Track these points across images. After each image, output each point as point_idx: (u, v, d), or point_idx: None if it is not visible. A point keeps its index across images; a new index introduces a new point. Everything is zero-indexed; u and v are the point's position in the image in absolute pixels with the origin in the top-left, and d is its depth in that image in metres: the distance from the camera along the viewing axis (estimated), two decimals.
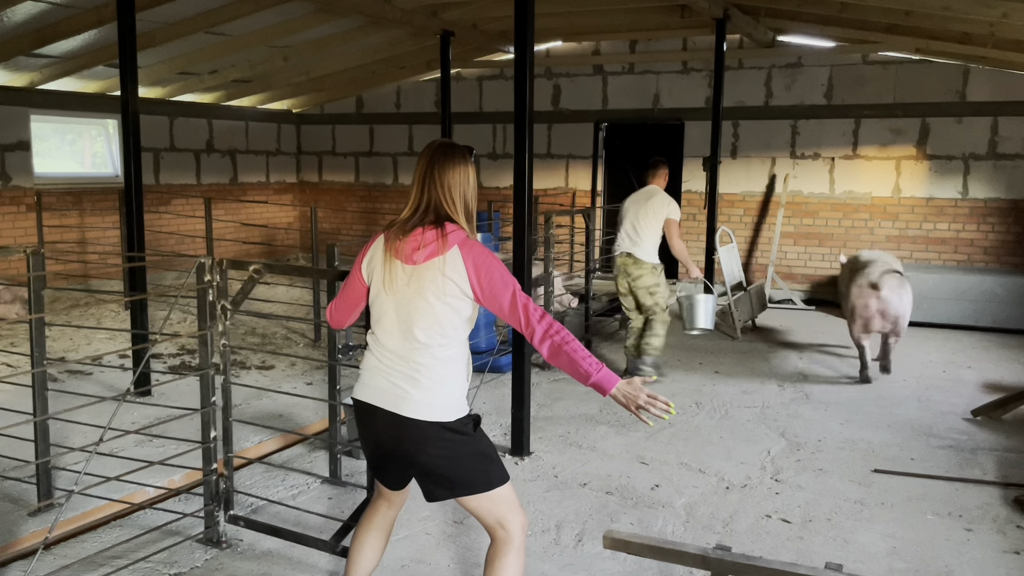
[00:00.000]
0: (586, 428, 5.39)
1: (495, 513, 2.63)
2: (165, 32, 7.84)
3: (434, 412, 2.54)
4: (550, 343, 2.49)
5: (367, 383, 2.65)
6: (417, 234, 2.55)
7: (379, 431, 2.63)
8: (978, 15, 6.84)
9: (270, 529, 3.67)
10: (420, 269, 2.54)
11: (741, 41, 9.91)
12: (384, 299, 2.60)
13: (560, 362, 2.50)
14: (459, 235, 2.56)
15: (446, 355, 2.57)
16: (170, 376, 6.09)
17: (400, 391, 2.56)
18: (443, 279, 2.52)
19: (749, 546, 3.75)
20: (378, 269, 2.61)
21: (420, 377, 2.54)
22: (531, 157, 4.68)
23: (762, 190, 10.27)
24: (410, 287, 2.55)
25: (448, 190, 2.60)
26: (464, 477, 2.59)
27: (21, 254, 3.64)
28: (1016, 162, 9.14)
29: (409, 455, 2.60)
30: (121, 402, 3.36)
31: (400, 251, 2.56)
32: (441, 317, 2.54)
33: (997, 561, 3.65)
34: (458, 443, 2.58)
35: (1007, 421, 5.60)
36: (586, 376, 2.47)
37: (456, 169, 2.62)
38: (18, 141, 9.04)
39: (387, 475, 2.75)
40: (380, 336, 2.63)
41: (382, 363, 2.61)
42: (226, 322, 3.59)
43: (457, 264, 2.52)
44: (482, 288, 2.53)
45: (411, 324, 2.55)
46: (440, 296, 2.53)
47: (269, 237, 12.00)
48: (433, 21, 8.72)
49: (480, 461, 2.62)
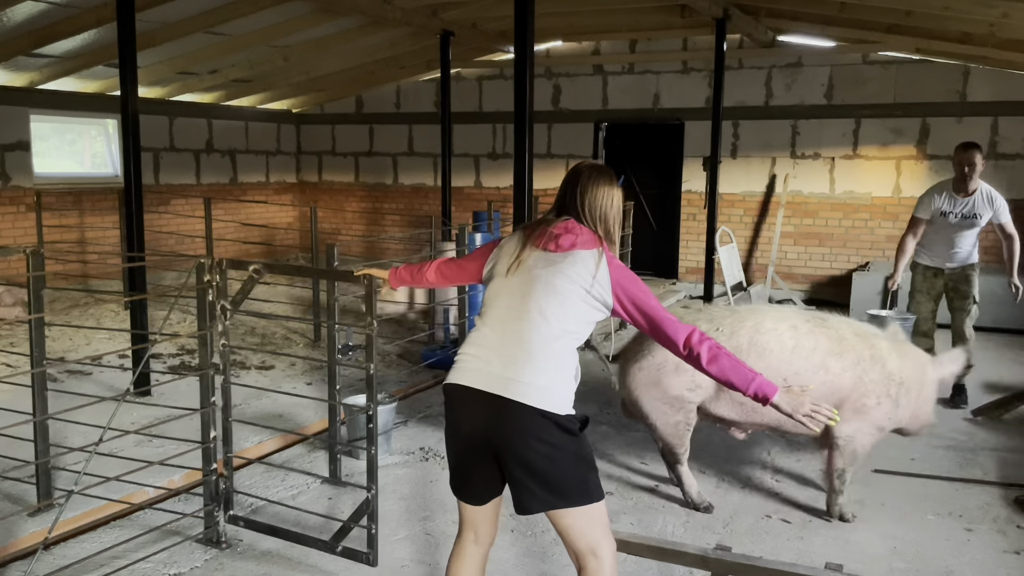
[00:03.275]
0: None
1: (590, 536, 2.43)
2: (165, 32, 7.84)
3: (545, 399, 2.37)
4: (708, 348, 2.47)
5: (467, 367, 2.47)
6: (568, 223, 2.55)
7: (471, 418, 2.44)
8: (978, 15, 6.84)
9: (270, 529, 3.67)
10: (561, 256, 2.50)
11: (741, 41, 9.91)
12: (506, 280, 2.53)
13: (720, 367, 2.46)
14: (607, 246, 2.57)
15: (563, 343, 2.45)
16: (170, 376, 6.09)
17: (508, 371, 2.38)
18: (584, 271, 2.47)
19: (749, 546, 3.75)
20: (505, 257, 2.58)
21: (534, 359, 2.39)
22: (531, 157, 4.68)
23: (762, 190, 10.27)
24: (544, 269, 2.48)
25: (593, 211, 2.58)
26: (564, 483, 2.39)
27: (21, 254, 3.64)
28: (1016, 162, 9.14)
29: (508, 446, 2.38)
30: (121, 402, 3.36)
31: (542, 238, 2.54)
32: (570, 303, 2.45)
33: (997, 561, 3.65)
34: (564, 441, 2.39)
35: (1007, 421, 5.60)
36: (748, 382, 2.46)
37: (601, 190, 2.60)
38: (18, 141, 9.04)
39: (473, 480, 2.51)
40: (493, 317, 2.50)
41: (488, 343, 2.46)
42: (226, 322, 3.59)
43: (602, 268, 2.49)
44: (631, 300, 2.50)
45: (536, 304, 2.44)
46: (574, 285, 2.46)
47: (269, 237, 12.00)
48: (433, 21, 8.72)
49: (582, 467, 2.43)
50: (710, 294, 8.72)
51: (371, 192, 12.74)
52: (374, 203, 12.73)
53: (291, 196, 13.04)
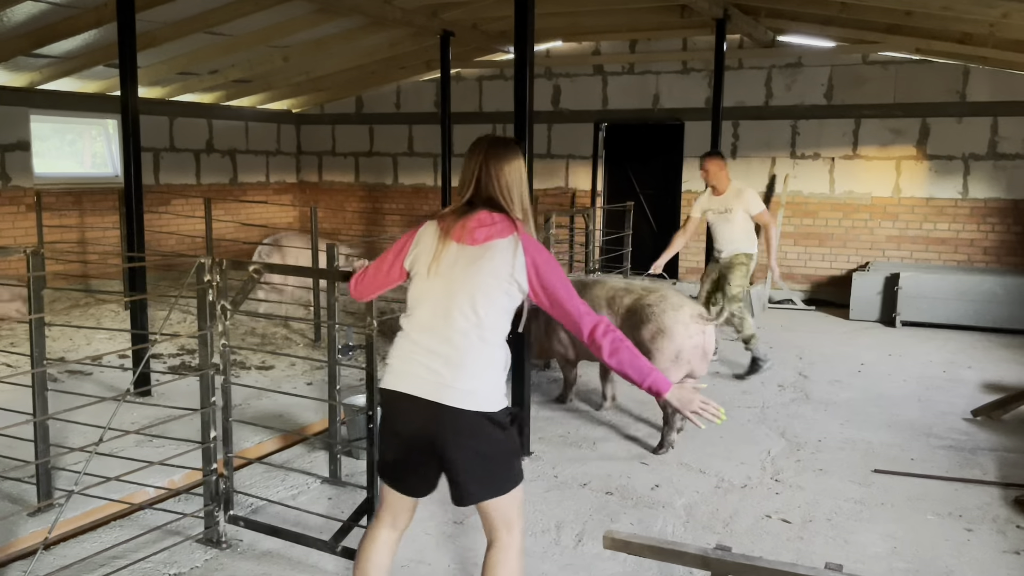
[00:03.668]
0: (586, 428, 5.39)
1: (508, 515, 2.54)
2: (165, 32, 7.84)
3: (477, 401, 2.43)
4: (611, 340, 2.51)
5: (400, 370, 2.51)
6: (481, 215, 2.53)
7: (410, 424, 2.49)
8: (978, 15, 6.84)
9: (270, 529, 3.66)
10: (480, 249, 2.50)
11: (741, 41, 9.91)
12: (428, 282, 2.52)
13: (619, 359, 2.51)
14: (522, 228, 2.56)
15: (491, 340, 2.49)
16: (170, 376, 6.09)
17: (440, 378, 2.44)
18: (502, 262, 2.48)
19: (749, 546, 3.75)
20: (425, 253, 2.55)
21: (463, 360, 2.43)
22: (531, 157, 4.68)
23: (762, 190, 10.26)
24: (464, 267, 2.48)
25: (505, 186, 2.57)
26: (498, 476, 2.50)
27: (21, 254, 3.64)
28: (1016, 162, 9.14)
29: (442, 451, 2.45)
30: (121, 402, 3.36)
31: (459, 232, 2.52)
32: (493, 299, 2.48)
33: (997, 561, 3.65)
34: (499, 438, 2.48)
35: (1007, 421, 5.60)
36: (644, 377, 2.51)
37: (512, 164, 2.59)
38: (18, 141, 9.04)
39: (411, 477, 2.59)
40: (420, 318, 2.51)
41: (419, 348, 2.49)
42: (226, 322, 3.59)
43: (518, 252, 2.50)
44: (542, 282, 2.51)
45: (460, 305, 2.46)
46: (496, 278, 2.48)
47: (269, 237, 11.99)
48: (433, 21, 8.72)
49: (512, 458, 2.56)
50: None
51: (371, 192, 12.74)
52: (374, 203, 12.73)
53: (291, 196, 13.04)
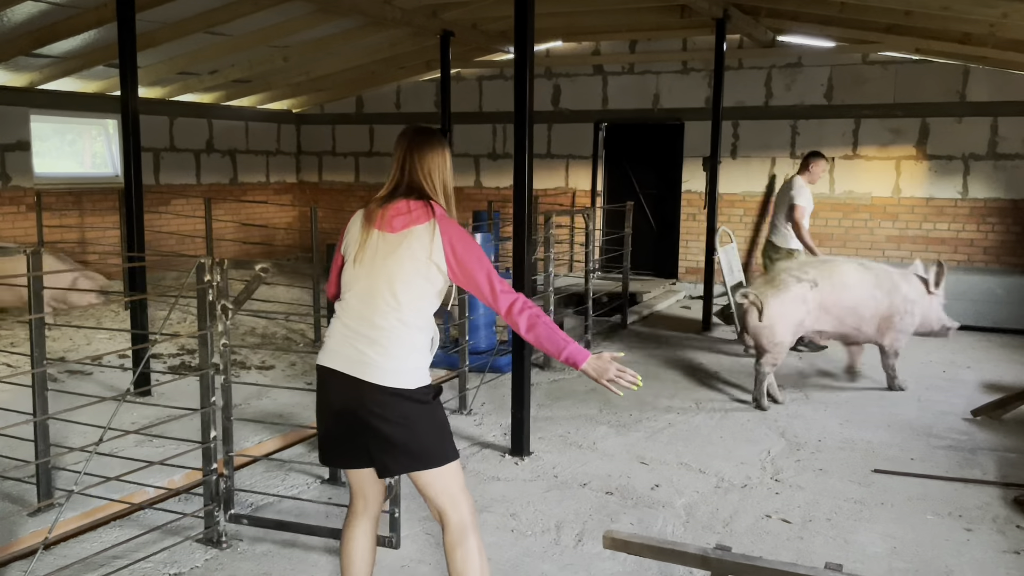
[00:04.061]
0: (586, 428, 5.39)
1: (448, 491, 2.64)
2: (165, 32, 7.83)
3: (396, 379, 2.57)
4: (527, 316, 2.60)
5: (331, 350, 2.67)
6: (399, 204, 2.66)
7: (338, 397, 2.64)
8: (978, 15, 6.84)
9: (276, 524, 3.67)
10: (398, 236, 2.61)
11: (741, 41, 9.91)
12: (355, 268, 2.65)
13: (536, 335, 2.60)
14: (440, 211, 2.66)
15: (412, 323, 2.61)
16: (170, 376, 6.09)
17: (363, 356, 2.58)
18: (419, 247, 2.60)
19: (749, 546, 3.75)
20: (353, 241, 2.69)
21: (384, 342, 2.58)
22: (531, 157, 4.67)
23: (762, 190, 10.27)
24: (385, 254, 2.61)
25: (428, 173, 2.70)
26: (421, 448, 2.61)
27: (21, 254, 3.64)
28: (1016, 162, 9.14)
29: (366, 422, 2.59)
30: (121, 402, 3.36)
31: (379, 220, 2.65)
32: (412, 283, 2.60)
33: (997, 561, 3.66)
34: (417, 412, 2.60)
35: (1007, 421, 5.60)
36: (560, 350, 2.59)
37: (434, 152, 2.72)
38: (18, 141, 9.04)
39: (340, 450, 2.72)
40: (349, 303, 2.66)
41: (348, 329, 2.63)
42: (226, 322, 3.59)
43: (436, 237, 2.61)
44: (458, 263, 2.61)
45: (381, 290, 2.60)
46: (414, 263, 2.60)
47: (269, 237, 12.00)
48: (433, 21, 8.72)
49: (437, 433, 2.66)
50: (710, 294, 8.72)
51: (371, 192, 12.64)
52: None
53: (291, 196, 13.04)
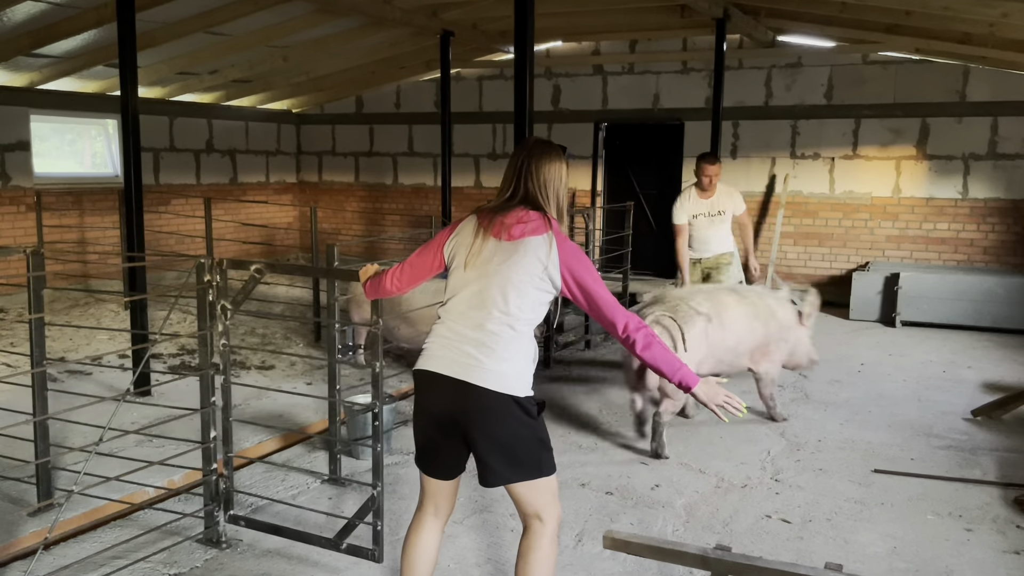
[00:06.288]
0: (586, 428, 5.39)
1: (538, 503, 2.65)
2: (165, 32, 7.84)
3: (506, 383, 2.56)
4: (643, 335, 2.63)
5: (434, 355, 2.66)
6: (518, 213, 2.65)
7: (440, 402, 2.63)
8: (978, 15, 6.84)
9: (272, 528, 3.66)
10: (515, 245, 2.62)
11: (741, 41, 9.90)
12: (465, 273, 2.65)
13: (652, 354, 2.64)
14: (556, 225, 2.68)
15: (521, 331, 2.61)
16: (170, 376, 6.09)
17: (472, 360, 2.57)
18: (535, 258, 2.60)
19: (749, 546, 3.75)
20: (463, 245, 2.68)
21: (494, 346, 2.57)
22: None
23: (762, 190, 10.27)
24: (500, 261, 2.61)
25: (543, 184, 2.68)
26: (520, 459, 2.60)
27: (21, 254, 3.64)
28: (1016, 162, 9.14)
29: (473, 427, 2.58)
30: (121, 402, 3.36)
31: (496, 227, 2.64)
32: (524, 292, 2.60)
33: (997, 561, 3.65)
34: (523, 422, 2.60)
35: (1007, 421, 5.60)
36: (675, 371, 2.65)
37: (552, 165, 2.71)
38: (18, 141, 9.04)
39: (441, 458, 2.72)
40: (455, 308, 2.65)
41: (453, 333, 2.63)
42: (226, 322, 3.59)
43: (552, 250, 2.61)
44: (575, 279, 2.62)
45: (494, 295, 2.59)
46: (529, 272, 2.60)
47: (269, 237, 12.00)
48: (433, 21, 8.72)
49: (539, 446, 2.65)
50: None
51: (371, 192, 12.74)
52: (374, 203, 12.73)
53: (291, 196, 13.04)
